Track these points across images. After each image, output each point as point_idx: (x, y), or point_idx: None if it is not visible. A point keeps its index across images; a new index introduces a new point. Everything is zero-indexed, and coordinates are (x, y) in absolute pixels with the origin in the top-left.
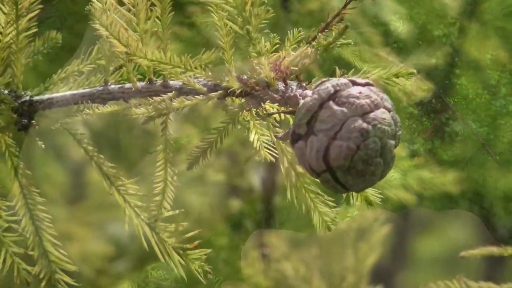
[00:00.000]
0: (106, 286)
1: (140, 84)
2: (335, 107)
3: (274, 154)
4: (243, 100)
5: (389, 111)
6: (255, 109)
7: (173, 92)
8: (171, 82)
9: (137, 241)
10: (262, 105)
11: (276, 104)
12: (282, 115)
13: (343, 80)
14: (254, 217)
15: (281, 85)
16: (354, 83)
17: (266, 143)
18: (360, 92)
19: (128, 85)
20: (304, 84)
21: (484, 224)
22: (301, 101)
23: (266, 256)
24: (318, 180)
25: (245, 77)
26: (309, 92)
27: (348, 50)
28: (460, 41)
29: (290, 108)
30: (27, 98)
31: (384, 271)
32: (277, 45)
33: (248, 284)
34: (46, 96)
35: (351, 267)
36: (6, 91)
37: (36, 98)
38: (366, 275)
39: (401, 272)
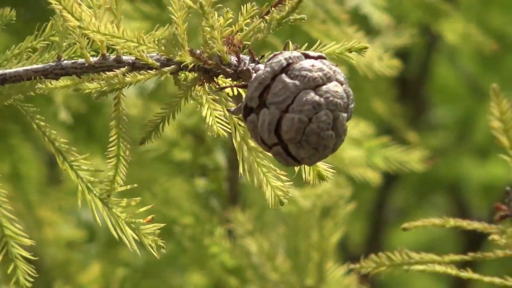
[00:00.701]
0: (77, 269)
1: (93, 60)
2: (288, 80)
3: (227, 130)
4: (196, 74)
5: (342, 84)
6: (207, 84)
7: (126, 67)
8: (124, 57)
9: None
10: (215, 79)
11: (229, 78)
12: (235, 89)
13: (296, 53)
14: (220, 196)
15: (234, 59)
16: (307, 56)
17: (219, 118)
18: (312, 65)
19: (81, 60)
20: (257, 59)
21: (460, 215)
22: (254, 75)
23: (232, 234)
24: (270, 154)
25: (198, 51)
26: (261, 66)
27: (315, 28)
28: (438, 29)
29: (243, 82)
30: None
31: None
32: (230, 20)
33: (214, 263)
34: None
35: (315, 245)
36: None
37: None
38: (331, 252)
39: None
